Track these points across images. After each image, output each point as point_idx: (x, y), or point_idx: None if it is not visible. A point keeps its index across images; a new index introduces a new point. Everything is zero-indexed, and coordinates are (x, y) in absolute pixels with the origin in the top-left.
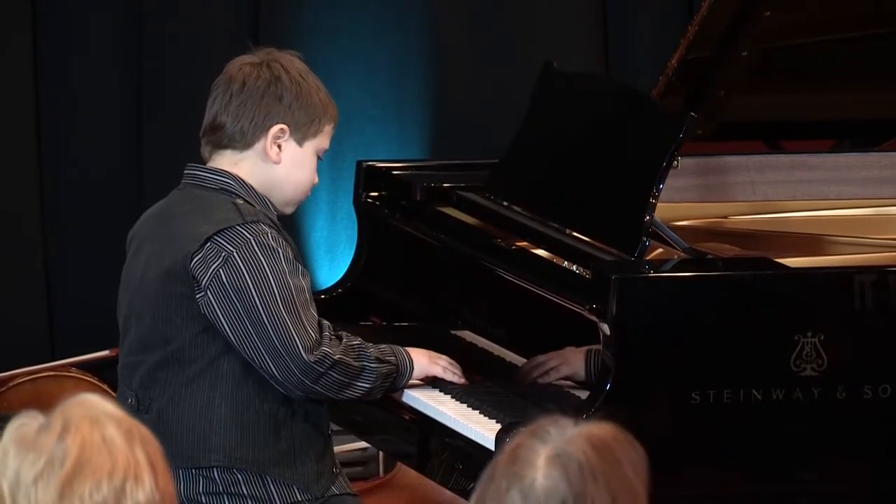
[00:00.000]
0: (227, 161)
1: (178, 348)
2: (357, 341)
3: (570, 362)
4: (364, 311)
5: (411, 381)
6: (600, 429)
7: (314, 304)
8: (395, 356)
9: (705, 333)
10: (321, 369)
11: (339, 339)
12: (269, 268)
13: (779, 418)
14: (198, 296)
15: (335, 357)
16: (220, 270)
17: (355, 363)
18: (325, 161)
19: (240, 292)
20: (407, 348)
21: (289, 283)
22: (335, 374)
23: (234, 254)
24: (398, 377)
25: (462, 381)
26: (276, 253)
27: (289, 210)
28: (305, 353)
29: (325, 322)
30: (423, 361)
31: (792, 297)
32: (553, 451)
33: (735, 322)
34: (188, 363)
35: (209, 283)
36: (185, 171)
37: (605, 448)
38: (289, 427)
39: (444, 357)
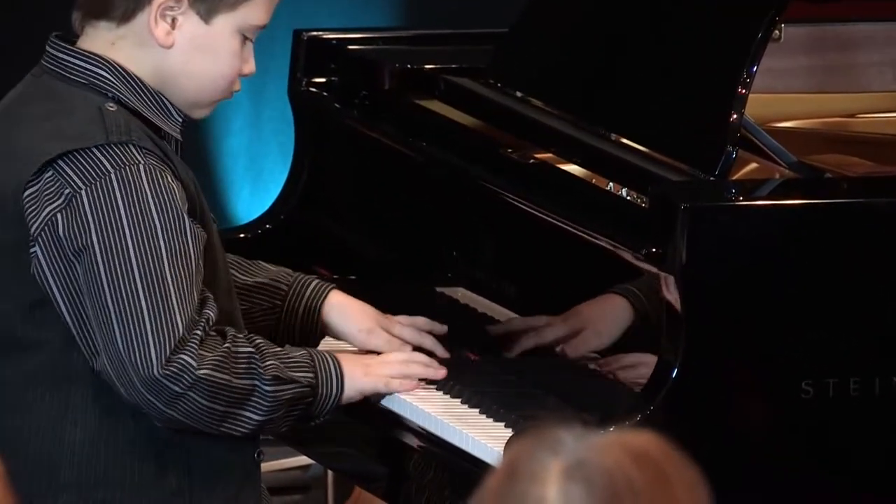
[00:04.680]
0: (102, 40)
1: (7, 328)
2: (247, 348)
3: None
4: (304, 257)
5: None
6: (639, 437)
7: (201, 277)
8: (315, 369)
9: (822, 293)
10: (177, 388)
11: (223, 336)
12: (129, 220)
13: None
14: (31, 250)
15: (198, 372)
16: (59, 216)
17: (238, 382)
18: None
19: (80, 253)
20: (340, 353)
21: (159, 246)
22: (200, 399)
23: (83, 193)
24: (315, 402)
25: (413, 385)
26: (144, 197)
27: (199, 113)
28: (157, 361)
29: (208, 310)
30: (357, 376)
31: None
32: (571, 460)
33: (867, 274)
34: (26, 352)
35: (40, 233)
36: (47, 49)
37: (649, 462)
38: (183, 453)
39: (392, 358)
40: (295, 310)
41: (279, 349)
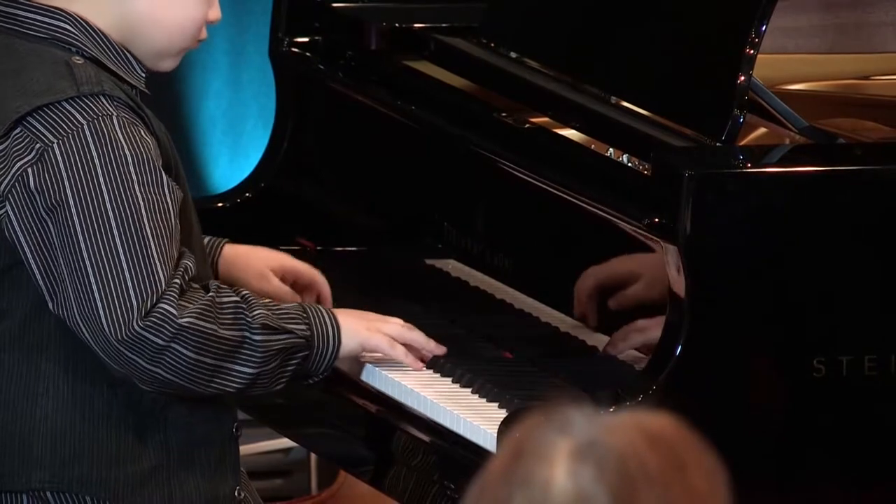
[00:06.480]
0: None
1: None
2: (233, 297)
3: None
4: (286, 227)
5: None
6: (655, 419)
7: (178, 234)
8: (309, 320)
9: (835, 265)
10: (159, 340)
11: (206, 290)
12: (104, 173)
13: None
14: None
15: (180, 321)
16: (30, 171)
17: (225, 332)
18: None
19: (54, 209)
20: (336, 310)
21: (136, 199)
22: (185, 351)
23: (55, 147)
24: (311, 356)
25: (420, 365)
26: (120, 148)
27: (166, 65)
28: (137, 314)
29: (186, 260)
30: (358, 329)
31: None
32: (581, 440)
33: (882, 245)
34: None
35: (10, 190)
36: None
37: (665, 446)
38: (161, 428)
39: (393, 320)
40: None
41: (268, 300)
